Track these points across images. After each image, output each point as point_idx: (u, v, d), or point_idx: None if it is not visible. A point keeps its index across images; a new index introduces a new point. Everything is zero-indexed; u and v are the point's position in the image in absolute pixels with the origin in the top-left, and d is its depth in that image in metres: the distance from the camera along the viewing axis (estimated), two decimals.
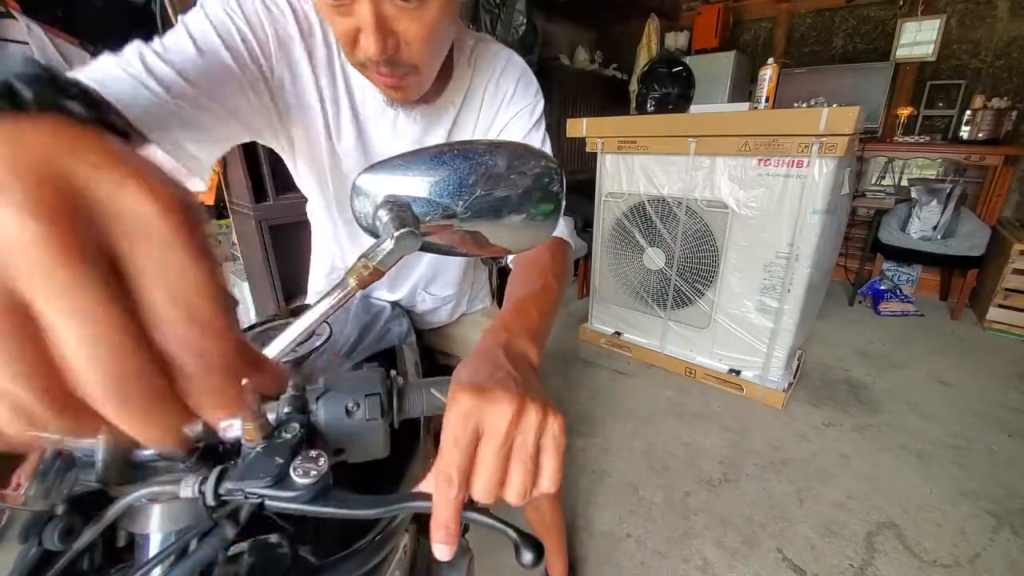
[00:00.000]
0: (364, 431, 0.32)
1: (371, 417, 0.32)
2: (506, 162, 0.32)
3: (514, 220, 0.33)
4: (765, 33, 3.68)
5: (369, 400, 0.32)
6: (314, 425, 0.32)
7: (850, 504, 1.45)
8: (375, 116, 0.61)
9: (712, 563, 1.28)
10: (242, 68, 0.50)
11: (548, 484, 0.30)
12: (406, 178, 0.32)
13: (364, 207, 0.33)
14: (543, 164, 0.33)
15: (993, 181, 2.79)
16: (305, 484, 0.27)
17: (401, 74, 0.49)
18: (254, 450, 0.30)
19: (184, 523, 0.32)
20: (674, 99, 2.06)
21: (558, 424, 0.31)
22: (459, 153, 0.31)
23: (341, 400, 0.32)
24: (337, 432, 0.32)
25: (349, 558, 0.43)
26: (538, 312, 0.44)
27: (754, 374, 2.00)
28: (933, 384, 2.11)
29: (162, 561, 0.29)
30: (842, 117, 1.53)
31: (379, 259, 0.29)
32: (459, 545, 0.73)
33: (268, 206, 1.70)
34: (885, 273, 3.12)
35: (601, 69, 3.66)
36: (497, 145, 0.32)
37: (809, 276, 1.78)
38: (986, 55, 2.88)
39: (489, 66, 0.65)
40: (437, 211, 0.32)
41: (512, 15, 2.66)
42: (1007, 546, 1.30)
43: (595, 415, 1.92)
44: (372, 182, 0.32)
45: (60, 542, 0.26)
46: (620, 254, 2.31)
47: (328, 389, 0.33)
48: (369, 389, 0.32)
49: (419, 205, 0.32)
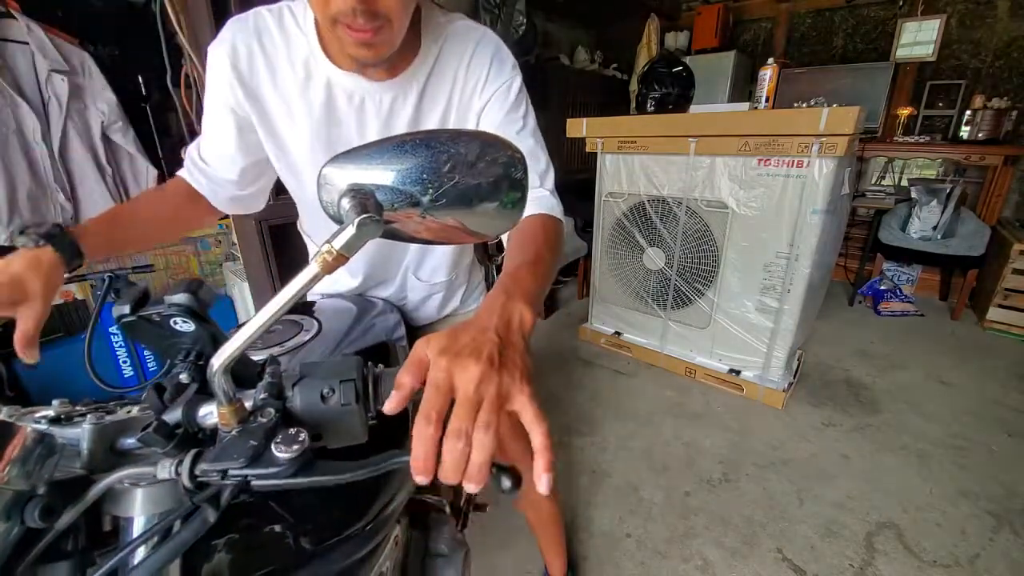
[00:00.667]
0: (340, 416, 0.33)
1: (346, 402, 0.33)
2: (468, 151, 0.32)
3: (480, 208, 0.34)
4: (765, 33, 3.68)
5: (344, 386, 0.33)
6: (290, 411, 0.33)
7: (850, 504, 1.45)
8: (344, 97, 0.63)
9: (712, 563, 1.28)
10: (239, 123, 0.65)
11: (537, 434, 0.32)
12: (370, 167, 0.32)
13: (330, 196, 0.33)
14: (506, 153, 0.33)
15: (993, 181, 2.79)
16: (287, 459, 0.28)
17: (375, 27, 0.50)
18: (229, 434, 0.31)
19: (166, 506, 0.33)
20: (674, 99, 2.06)
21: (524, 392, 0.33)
22: (422, 142, 0.32)
23: (316, 386, 0.33)
24: (313, 417, 0.33)
25: (340, 545, 0.44)
26: (532, 278, 0.46)
27: (754, 374, 2.00)
28: (933, 384, 2.11)
29: (145, 542, 0.31)
30: (842, 117, 1.53)
31: (342, 244, 0.30)
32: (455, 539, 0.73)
33: (268, 206, 1.66)
34: (885, 273, 3.12)
35: (601, 69, 3.66)
36: (460, 134, 0.33)
37: (809, 276, 1.78)
38: (986, 55, 2.88)
39: (460, 46, 0.64)
40: (402, 199, 0.33)
41: (512, 15, 2.66)
42: (1007, 546, 1.30)
43: (595, 415, 1.92)
44: (337, 172, 0.33)
45: (41, 520, 0.27)
46: (620, 254, 2.31)
47: (304, 375, 0.34)
48: (344, 375, 0.33)
49: (383, 193, 0.32)
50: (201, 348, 0.38)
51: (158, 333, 0.38)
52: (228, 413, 0.31)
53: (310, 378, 0.34)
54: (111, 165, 1.73)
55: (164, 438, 0.30)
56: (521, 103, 0.67)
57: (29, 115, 1.51)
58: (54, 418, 0.34)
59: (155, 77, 1.63)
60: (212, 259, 2.22)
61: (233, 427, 0.31)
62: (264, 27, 0.60)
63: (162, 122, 1.93)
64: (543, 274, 0.49)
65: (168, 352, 0.40)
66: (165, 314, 0.36)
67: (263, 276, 1.75)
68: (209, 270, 2.22)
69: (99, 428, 0.31)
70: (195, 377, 0.37)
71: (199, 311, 0.36)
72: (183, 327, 0.37)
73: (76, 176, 1.66)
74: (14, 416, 0.33)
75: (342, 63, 0.60)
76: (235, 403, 0.32)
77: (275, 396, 0.33)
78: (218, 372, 0.31)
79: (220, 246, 2.22)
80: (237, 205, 0.74)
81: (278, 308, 0.31)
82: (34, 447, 0.28)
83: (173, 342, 0.38)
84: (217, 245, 2.21)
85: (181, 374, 0.37)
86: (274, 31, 0.60)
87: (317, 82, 0.62)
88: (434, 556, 0.65)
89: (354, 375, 0.33)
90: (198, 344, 0.38)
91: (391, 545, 0.54)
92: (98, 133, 1.67)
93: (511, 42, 2.69)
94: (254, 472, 0.29)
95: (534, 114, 0.69)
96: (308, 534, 0.42)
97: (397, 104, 0.64)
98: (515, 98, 0.66)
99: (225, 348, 0.31)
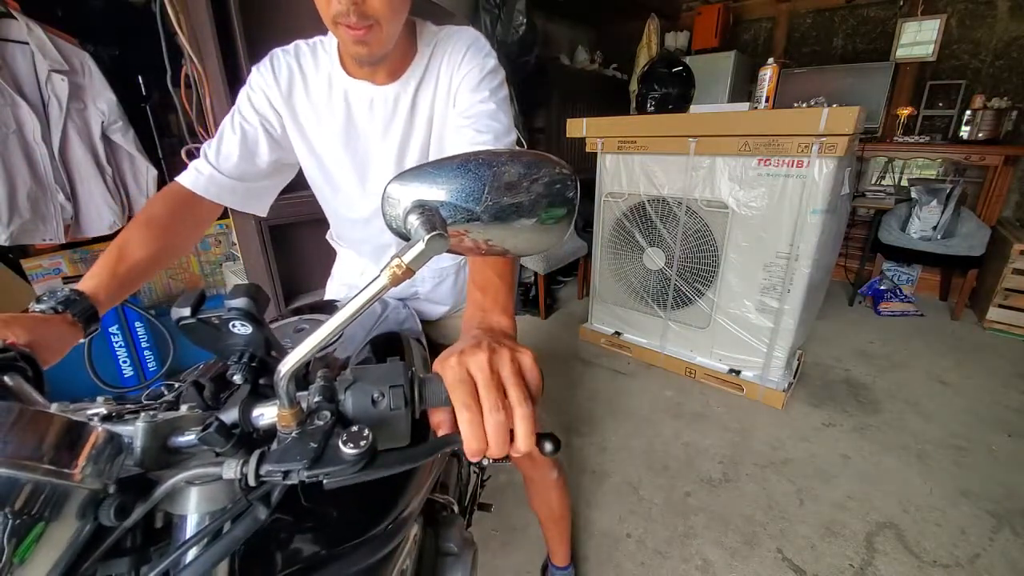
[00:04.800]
0: (390, 419, 0.35)
1: (395, 407, 0.34)
2: (525, 169, 0.34)
3: (529, 223, 0.36)
4: (765, 33, 3.68)
5: (393, 391, 0.34)
6: (343, 413, 0.35)
7: (850, 504, 1.45)
8: (358, 100, 0.74)
9: (712, 563, 1.28)
10: (266, 128, 0.76)
11: (535, 391, 0.38)
12: (434, 185, 0.34)
13: (395, 211, 0.35)
14: (558, 171, 0.35)
15: (993, 181, 2.79)
16: (355, 454, 0.30)
17: (366, 26, 0.59)
18: (289, 435, 0.32)
19: (220, 504, 0.34)
20: (674, 99, 2.06)
21: (527, 356, 0.39)
22: (484, 161, 0.34)
23: (368, 391, 0.35)
24: (365, 420, 0.34)
25: (363, 545, 0.45)
26: (504, 286, 0.51)
27: (754, 374, 2.00)
28: (933, 384, 2.11)
29: (199, 542, 0.32)
30: (842, 117, 1.52)
31: (411, 258, 0.31)
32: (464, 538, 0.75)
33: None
34: (885, 273, 3.12)
35: (601, 69, 3.66)
36: (517, 154, 0.35)
37: (809, 276, 1.78)
38: (986, 55, 2.88)
39: (446, 44, 0.74)
40: (462, 215, 0.34)
41: (512, 15, 2.66)
42: (1007, 546, 1.30)
43: (595, 415, 1.92)
44: (401, 188, 0.34)
45: (116, 518, 0.29)
46: (620, 254, 2.31)
47: (356, 379, 0.35)
48: (393, 381, 0.35)
49: (445, 210, 0.34)
50: (255, 350, 0.40)
51: (215, 335, 0.40)
52: (288, 416, 0.33)
53: (361, 382, 0.35)
54: (111, 165, 1.73)
55: (223, 437, 0.31)
56: (493, 80, 0.73)
57: (29, 115, 1.51)
58: (106, 415, 0.35)
59: (155, 77, 1.63)
60: (212, 259, 2.22)
61: (293, 429, 0.32)
62: (302, 53, 0.75)
63: (162, 122, 1.93)
64: (507, 272, 0.54)
65: (222, 353, 0.41)
66: (225, 317, 0.38)
67: (263, 276, 1.75)
68: (209, 270, 2.22)
69: (152, 426, 0.32)
70: (248, 378, 0.39)
71: (256, 315, 0.38)
72: (241, 330, 0.38)
73: (76, 176, 1.66)
74: (66, 412, 0.33)
75: (355, 73, 0.73)
76: (295, 406, 0.33)
77: (328, 399, 0.35)
78: (284, 377, 0.32)
79: (220, 246, 2.22)
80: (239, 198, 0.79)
81: (347, 316, 0.32)
82: (104, 446, 0.28)
83: (228, 344, 0.40)
84: (217, 245, 2.21)
85: (235, 375, 0.39)
86: (308, 56, 0.75)
87: (337, 91, 0.74)
88: (444, 555, 0.66)
89: (402, 381, 0.35)
90: (251, 346, 0.40)
91: (410, 544, 0.55)
92: (98, 133, 1.67)
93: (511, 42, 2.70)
94: (323, 471, 0.30)
95: (510, 96, 0.75)
96: (334, 535, 0.44)
97: (399, 102, 0.74)
98: (486, 75, 0.72)
99: (293, 355, 0.32)
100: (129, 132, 1.74)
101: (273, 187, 0.83)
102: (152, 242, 0.66)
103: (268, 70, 0.74)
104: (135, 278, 0.63)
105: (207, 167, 0.73)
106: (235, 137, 0.74)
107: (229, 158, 0.74)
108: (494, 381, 0.35)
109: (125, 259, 0.62)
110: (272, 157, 0.77)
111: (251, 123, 0.75)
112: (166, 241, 0.68)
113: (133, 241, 0.64)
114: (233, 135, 0.74)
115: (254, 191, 0.79)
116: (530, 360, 0.39)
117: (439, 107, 0.75)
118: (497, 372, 0.36)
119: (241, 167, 0.75)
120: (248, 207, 0.80)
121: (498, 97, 0.72)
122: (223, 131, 0.75)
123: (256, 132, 0.75)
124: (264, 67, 0.75)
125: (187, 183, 0.72)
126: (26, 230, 1.57)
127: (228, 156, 0.74)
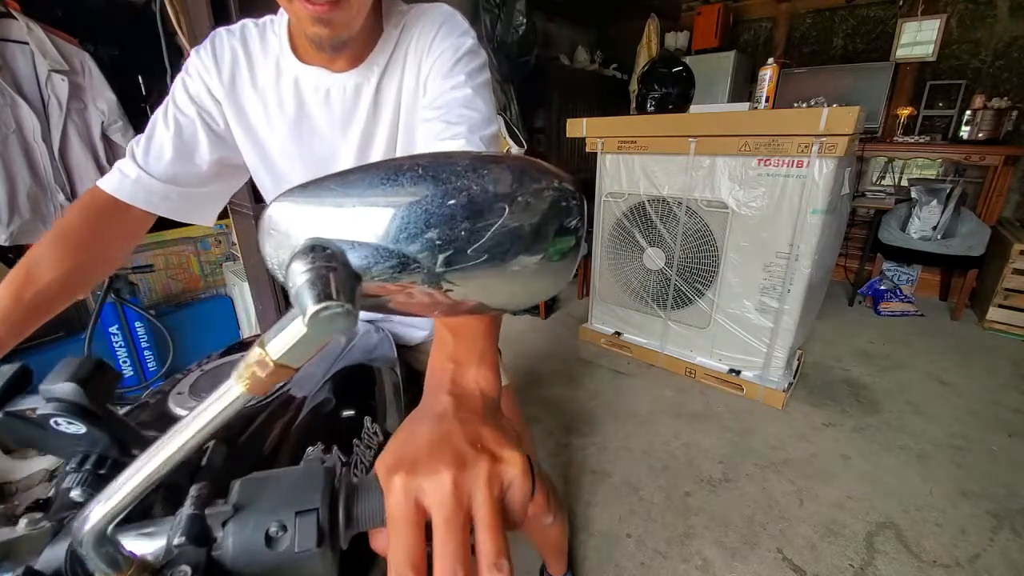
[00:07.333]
0: (294, 565, 0.22)
1: (303, 547, 0.22)
2: (498, 185, 0.20)
3: (512, 267, 0.21)
4: (765, 33, 3.68)
5: (301, 520, 0.22)
6: (218, 563, 0.23)
7: (850, 504, 1.45)
8: (311, 91, 0.64)
9: (712, 563, 1.28)
10: (206, 121, 0.64)
11: (519, 518, 0.26)
12: (341, 209, 0.19)
13: (277, 251, 0.20)
14: (553, 185, 0.21)
15: (993, 181, 2.79)
16: None
17: (331, 0, 0.50)
18: None
19: None
20: (674, 99, 2.06)
21: (514, 468, 0.25)
22: (426, 173, 0.19)
23: (261, 523, 0.23)
24: (253, 569, 0.23)
25: None
26: (483, 324, 0.36)
27: (754, 374, 2.00)
28: (933, 384, 2.10)
29: None
30: (842, 117, 1.52)
31: (282, 351, 0.19)
32: None
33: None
34: (885, 273, 3.12)
35: (601, 69, 3.66)
36: (484, 160, 0.20)
37: (809, 276, 1.78)
38: (986, 55, 2.87)
39: (415, 25, 0.63)
40: (390, 262, 0.20)
41: (512, 15, 2.66)
42: (1007, 546, 1.30)
43: (595, 415, 1.92)
44: (291, 213, 0.20)
45: None
46: (620, 254, 2.31)
47: (239, 508, 0.23)
48: (302, 503, 0.23)
49: (360, 254, 0.19)
50: (104, 451, 0.28)
51: (39, 433, 0.27)
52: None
53: (249, 511, 0.23)
54: (111, 165, 1.72)
55: None
56: (469, 64, 0.61)
57: (29, 115, 1.51)
58: None
59: (155, 77, 1.63)
60: (212, 259, 2.22)
61: None
62: (249, 34, 0.65)
63: None
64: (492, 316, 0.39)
65: (57, 453, 0.29)
66: (43, 413, 0.26)
67: (263, 276, 1.75)
68: (209, 270, 2.22)
69: None
70: (91, 493, 0.26)
71: (91, 407, 0.26)
72: (68, 429, 0.26)
73: (76, 176, 1.66)
74: None
75: (308, 59, 0.62)
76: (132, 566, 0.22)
77: (196, 540, 0.23)
78: (88, 545, 0.22)
79: (220, 246, 2.22)
80: (174, 206, 0.66)
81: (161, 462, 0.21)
82: None
83: (61, 443, 0.28)
84: (217, 245, 2.22)
85: (72, 490, 0.26)
86: (256, 37, 0.64)
87: (286, 79, 0.64)
88: None
89: (317, 501, 0.23)
90: (98, 446, 0.28)
91: None
92: (98, 133, 1.67)
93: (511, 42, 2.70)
94: None
95: (489, 80, 0.63)
96: None
97: (360, 91, 0.64)
98: (461, 57, 0.61)
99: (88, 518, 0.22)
100: (129, 132, 1.74)
101: (218, 194, 0.71)
102: (66, 259, 0.55)
103: (208, 53, 0.63)
104: (46, 303, 0.53)
105: (134, 168, 0.61)
106: (168, 132, 0.62)
107: (161, 158, 0.62)
108: (459, 520, 0.23)
109: (34, 281, 0.53)
110: (213, 156, 0.65)
111: (187, 115, 0.63)
112: (84, 257, 0.57)
113: (44, 259, 0.54)
114: (166, 130, 0.63)
115: (194, 198, 0.66)
116: (519, 475, 0.25)
117: (406, 98, 0.64)
118: (467, 504, 0.23)
119: (175, 168, 0.63)
120: (187, 216, 0.67)
121: (476, 82, 0.60)
122: (154, 125, 0.63)
123: (194, 126, 0.64)
124: (204, 49, 0.63)
125: (109, 188, 0.61)
126: (26, 230, 1.57)
127: (159, 155, 0.62)
